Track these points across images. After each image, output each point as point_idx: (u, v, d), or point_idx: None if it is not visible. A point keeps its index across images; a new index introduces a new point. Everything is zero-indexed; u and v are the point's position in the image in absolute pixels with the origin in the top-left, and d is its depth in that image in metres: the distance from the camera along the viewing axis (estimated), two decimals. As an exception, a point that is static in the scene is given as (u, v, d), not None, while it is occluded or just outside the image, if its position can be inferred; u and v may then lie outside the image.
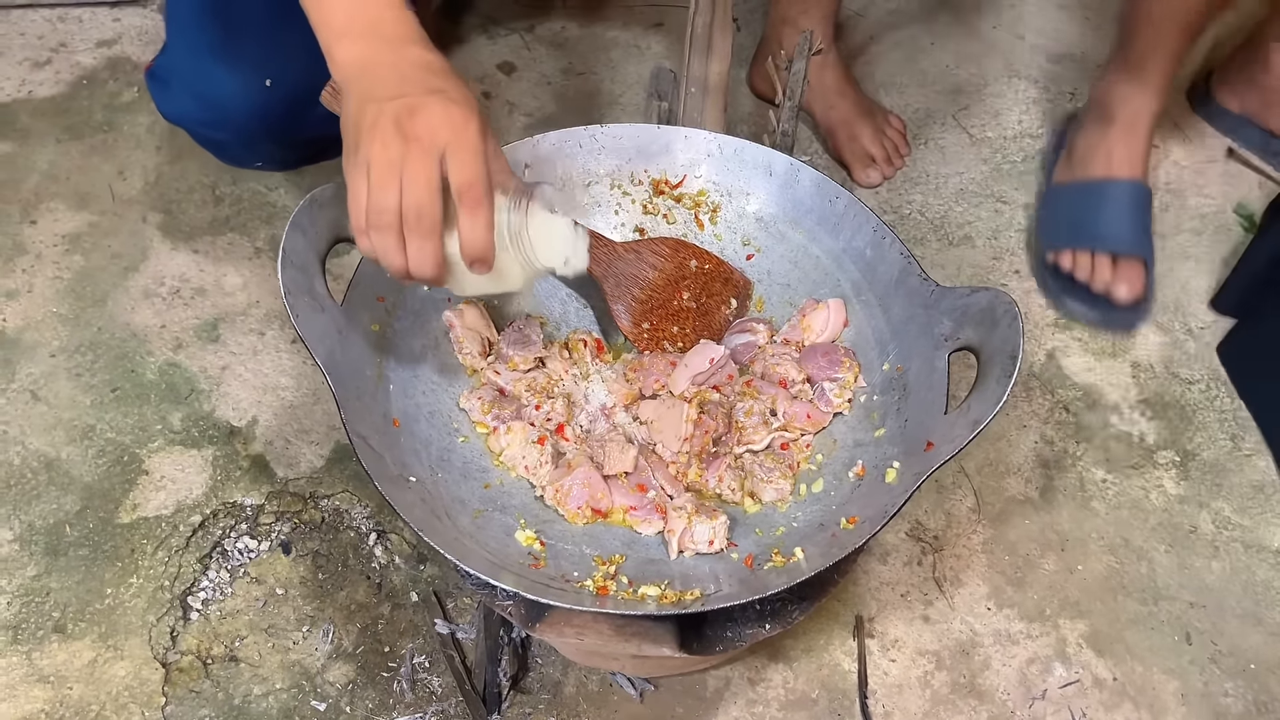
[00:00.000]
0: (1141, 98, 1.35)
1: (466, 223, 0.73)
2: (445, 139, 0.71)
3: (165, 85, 1.17)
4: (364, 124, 0.73)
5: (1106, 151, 1.37)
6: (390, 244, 0.73)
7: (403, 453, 0.86)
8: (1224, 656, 1.14)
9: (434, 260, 0.74)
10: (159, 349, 1.32)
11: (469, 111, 0.73)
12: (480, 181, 0.72)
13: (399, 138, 0.71)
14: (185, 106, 1.16)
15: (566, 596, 0.78)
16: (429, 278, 0.75)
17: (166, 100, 1.17)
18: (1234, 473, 1.27)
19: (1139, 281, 1.35)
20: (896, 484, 0.83)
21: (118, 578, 1.15)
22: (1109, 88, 1.38)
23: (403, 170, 0.71)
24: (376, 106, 0.72)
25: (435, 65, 0.76)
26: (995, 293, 0.84)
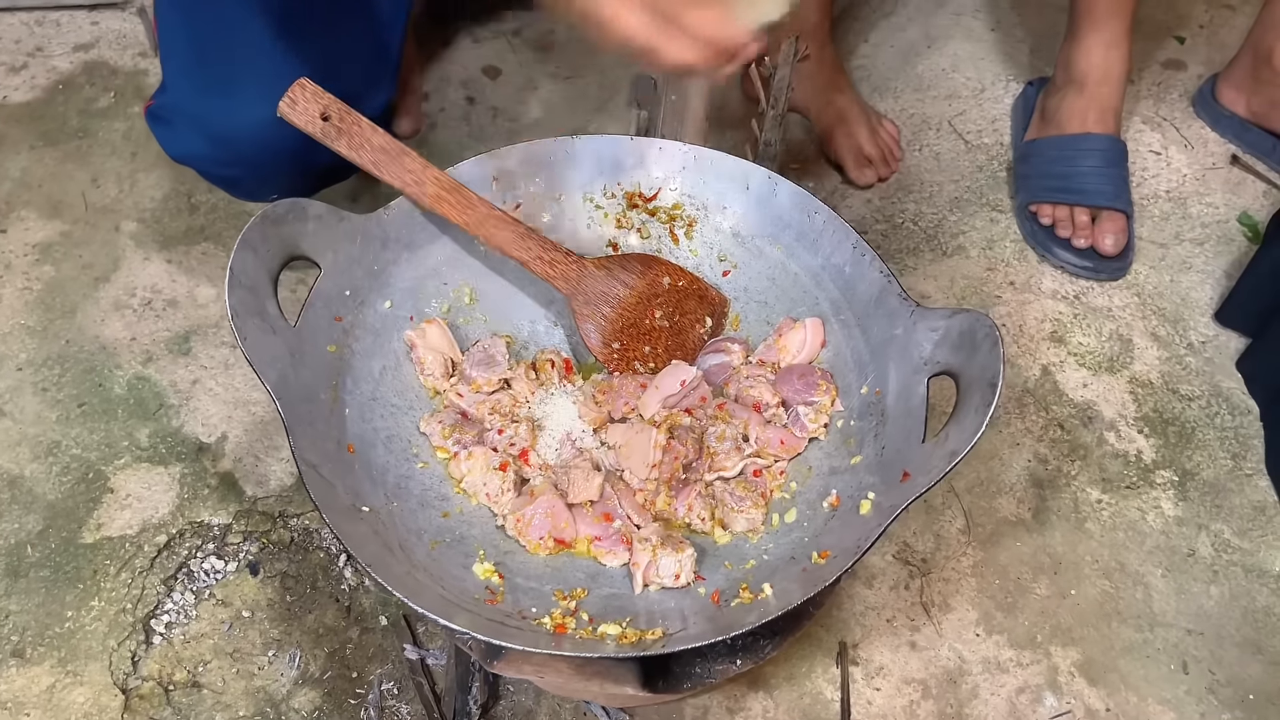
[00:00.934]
0: (1110, 56, 1.39)
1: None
2: None
3: (169, 125, 1.12)
4: None
5: (1081, 109, 1.41)
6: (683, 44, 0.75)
7: (357, 480, 0.83)
8: (1222, 686, 1.10)
9: None
10: (128, 362, 1.29)
11: None
12: None
13: None
14: (194, 146, 1.11)
15: (522, 636, 0.74)
16: None
17: (172, 140, 1.12)
18: (1234, 493, 1.23)
19: (1122, 235, 1.38)
20: (871, 516, 0.79)
21: (79, 600, 1.12)
22: (1075, 51, 1.41)
23: None
24: None
25: None
26: (976, 315, 0.80)
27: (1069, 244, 1.39)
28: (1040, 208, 1.41)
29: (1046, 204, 1.40)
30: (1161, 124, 1.58)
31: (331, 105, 0.88)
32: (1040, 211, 1.41)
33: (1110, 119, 1.41)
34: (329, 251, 0.88)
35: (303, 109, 0.88)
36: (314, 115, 0.88)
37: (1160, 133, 1.56)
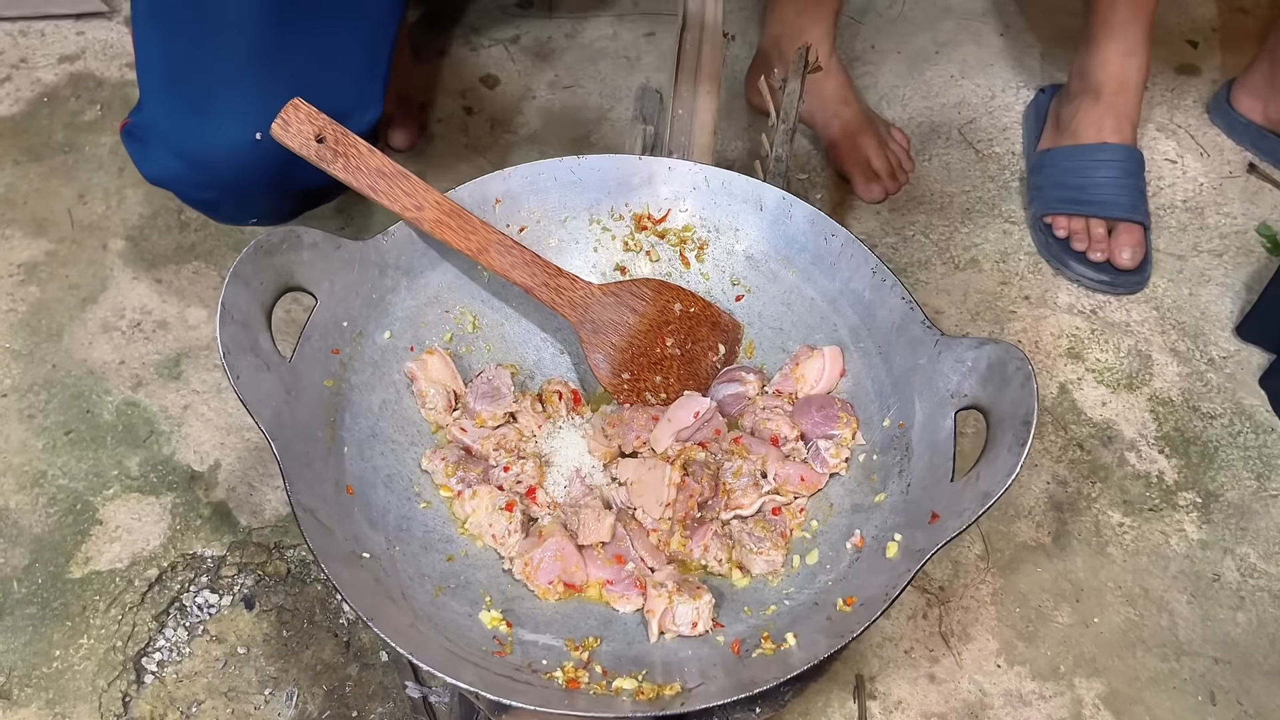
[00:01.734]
0: (1128, 64, 1.35)
1: None
2: None
3: (145, 145, 1.07)
4: None
5: (1097, 118, 1.37)
6: None
7: (356, 524, 0.79)
8: (1250, 718, 1.06)
9: None
10: (117, 387, 1.24)
11: None
12: None
13: None
14: (170, 168, 1.06)
15: (532, 693, 0.70)
16: None
17: (148, 162, 1.07)
18: (1260, 515, 1.19)
19: (1140, 248, 1.34)
20: (899, 560, 0.75)
21: (67, 638, 1.08)
22: (1091, 59, 1.37)
23: None
24: None
25: None
26: (1006, 347, 0.76)
27: (1084, 257, 1.35)
28: (1055, 220, 1.37)
29: (1062, 216, 1.37)
30: (1176, 131, 1.54)
31: (327, 127, 0.84)
32: (1055, 224, 1.37)
33: (1127, 128, 1.38)
34: (325, 281, 0.84)
35: (296, 130, 0.83)
36: (308, 137, 0.84)
37: (1175, 140, 1.53)
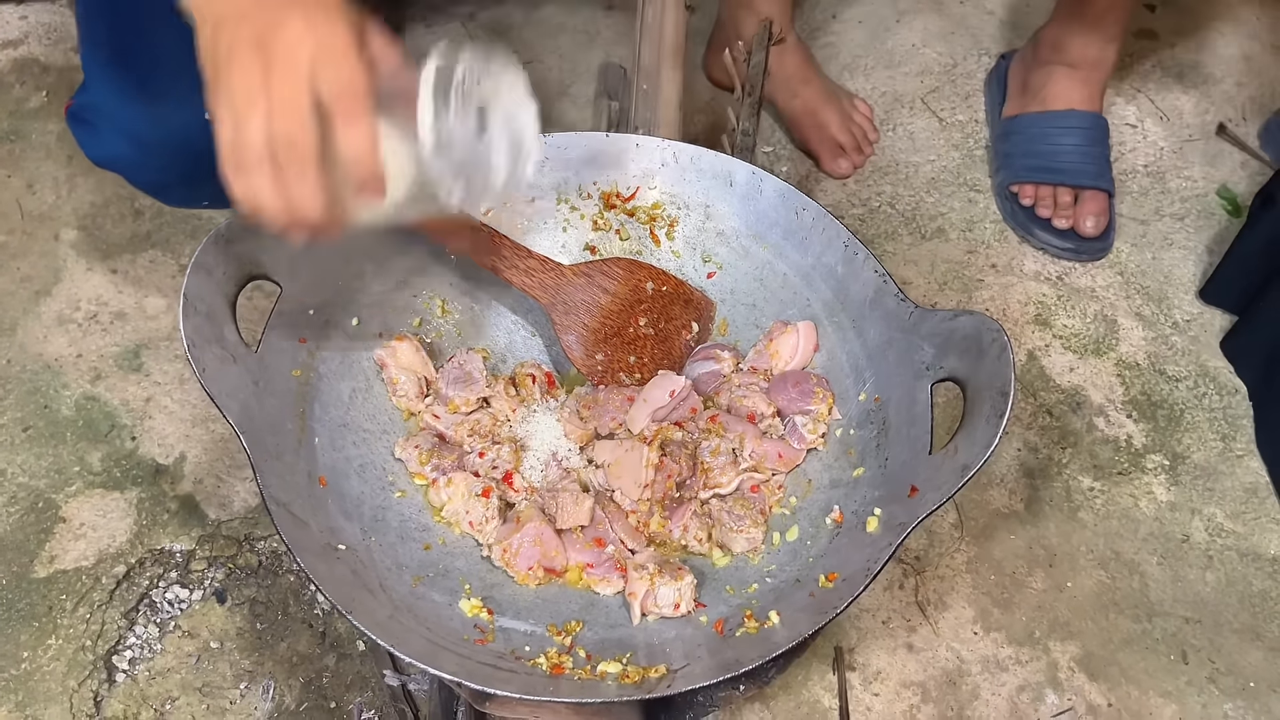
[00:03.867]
0: (1107, 50, 1.36)
1: (343, 136, 0.62)
2: (309, 53, 0.62)
3: (91, 128, 1.03)
4: (219, 53, 0.63)
5: (1067, 89, 1.38)
6: (263, 184, 0.63)
7: (330, 516, 0.77)
8: (1222, 675, 1.08)
9: (313, 194, 0.63)
10: (75, 381, 1.21)
11: (334, 17, 0.63)
12: (353, 87, 0.62)
13: (258, 62, 0.62)
14: (117, 149, 1.03)
15: (516, 680, 0.70)
16: (315, 216, 0.64)
17: (94, 144, 1.04)
18: (1226, 475, 1.21)
19: (1104, 215, 1.36)
20: (879, 534, 0.75)
21: (34, 639, 1.05)
22: (1066, 34, 1.37)
23: (268, 97, 0.62)
24: (230, 30, 0.63)
25: None
26: (981, 319, 0.76)
27: (1050, 224, 1.35)
28: (1022, 188, 1.37)
29: (1029, 184, 1.37)
30: (1136, 96, 1.55)
31: None
32: (1022, 192, 1.37)
33: (1097, 98, 1.38)
34: (289, 269, 0.83)
35: None
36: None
37: (1135, 105, 1.53)
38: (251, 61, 0.62)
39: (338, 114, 0.62)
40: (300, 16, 0.62)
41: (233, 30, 0.63)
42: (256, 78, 0.62)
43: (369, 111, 0.62)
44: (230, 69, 0.62)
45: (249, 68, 0.62)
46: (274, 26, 0.62)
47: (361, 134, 0.62)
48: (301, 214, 0.64)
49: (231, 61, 0.62)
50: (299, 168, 0.62)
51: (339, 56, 0.62)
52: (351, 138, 0.62)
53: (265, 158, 0.62)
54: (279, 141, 0.62)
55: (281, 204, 0.64)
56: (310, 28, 0.62)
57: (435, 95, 0.63)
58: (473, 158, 0.65)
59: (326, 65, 0.62)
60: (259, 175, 0.63)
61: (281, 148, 0.62)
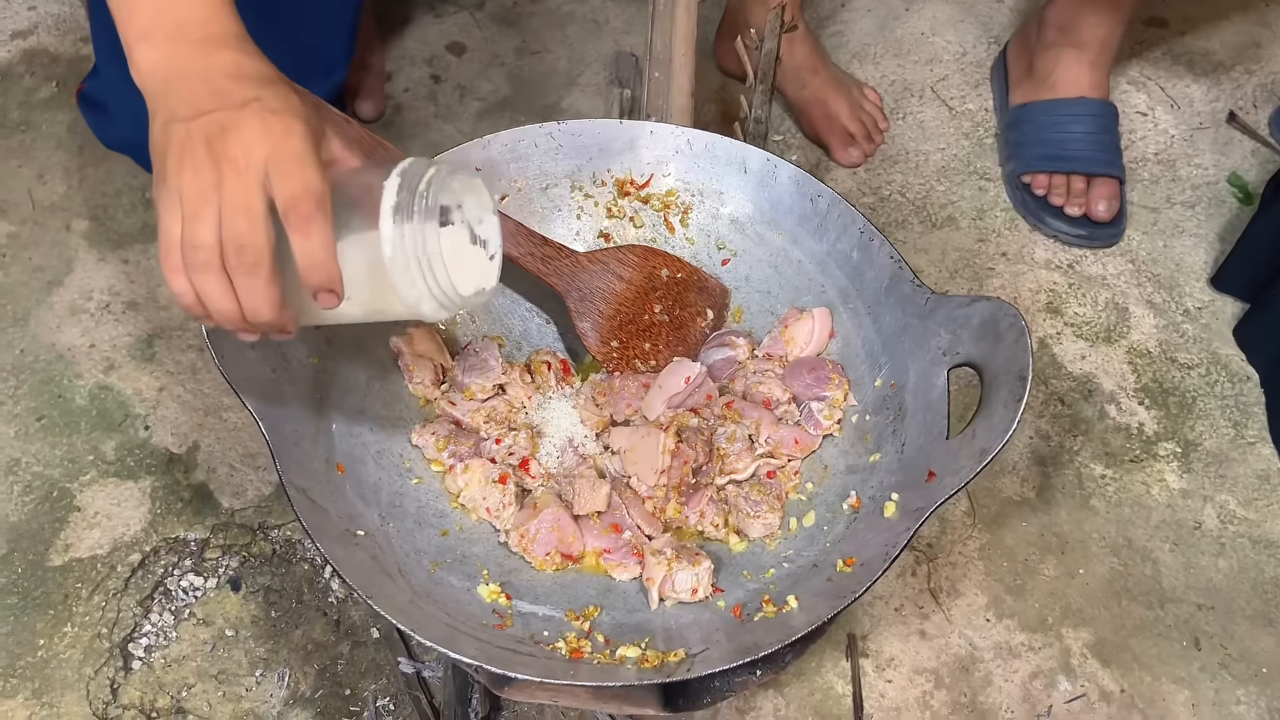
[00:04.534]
0: (1116, 31, 1.35)
1: (299, 244, 0.61)
2: (264, 155, 0.60)
3: (102, 110, 1.04)
4: (170, 149, 0.61)
5: (1076, 74, 1.37)
6: (213, 286, 0.61)
7: (349, 502, 0.78)
8: (1235, 662, 1.08)
9: (266, 298, 0.62)
10: (88, 371, 1.22)
11: (291, 118, 0.62)
12: (308, 193, 0.61)
13: (210, 162, 0.60)
14: (127, 132, 1.03)
15: (535, 665, 0.70)
16: (269, 321, 0.63)
17: (105, 126, 1.04)
18: (1238, 463, 1.21)
19: (1116, 200, 1.35)
20: (897, 519, 0.75)
21: (50, 627, 1.06)
22: (1075, 14, 1.36)
23: (220, 199, 0.60)
24: (184, 127, 0.61)
25: (251, 71, 0.65)
26: (998, 304, 0.76)
27: (1062, 212, 1.35)
28: (1034, 178, 1.37)
29: (1041, 173, 1.36)
30: (1146, 84, 1.54)
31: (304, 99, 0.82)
32: (1034, 182, 1.37)
33: (1105, 84, 1.38)
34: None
35: None
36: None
37: (1146, 93, 1.53)
38: (204, 161, 0.60)
39: (292, 221, 0.60)
40: (255, 118, 0.61)
41: (185, 127, 0.61)
42: (208, 178, 0.60)
43: (325, 219, 0.61)
44: (181, 167, 0.60)
45: (201, 167, 0.60)
46: (228, 127, 0.61)
47: (317, 241, 0.61)
48: (254, 317, 0.63)
49: (183, 159, 0.61)
50: (251, 272, 0.61)
51: (294, 161, 0.61)
52: (307, 245, 0.61)
53: (216, 259, 0.61)
54: (230, 245, 0.60)
55: (232, 306, 0.62)
56: (265, 131, 0.61)
57: (399, 204, 0.62)
58: (435, 266, 0.63)
59: (280, 170, 0.60)
60: (210, 277, 0.61)
61: (232, 251, 0.60)
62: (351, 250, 0.63)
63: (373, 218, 0.62)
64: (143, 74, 0.65)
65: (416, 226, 0.62)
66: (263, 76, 0.65)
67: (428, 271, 0.63)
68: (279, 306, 0.63)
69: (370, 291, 0.64)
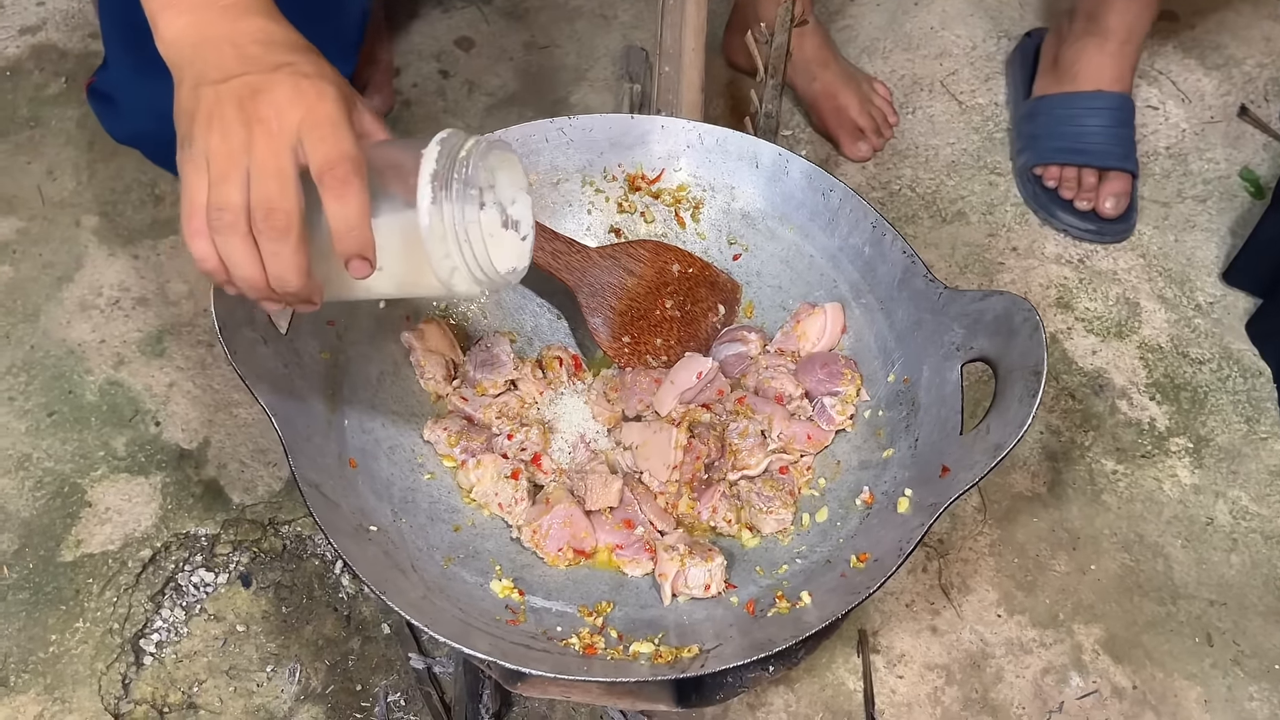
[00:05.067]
0: (1143, 16, 1.33)
1: (334, 208, 0.59)
2: (297, 118, 0.59)
3: (113, 104, 1.03)
4: (199, 112, 0.60)
5: (1099, 65, 1.35)
6: (238, 249, 0.60)
7: (361, 498, 0.78)
8: (1247, 658, 1.08)
9: (294, 264, 0.60)
10: (99, 367, 1.22)
11: (324, 83, 0.61)
12: (345, 156, 0.59)
13: (241, 123, 0.59)
14: (139, 127, 1.02)
15: (549, 660, 0.70)
16: (295, 290, 0.61)
17: (116, 121, 1.03)
18: (1250, 458, 1.20)
19: (1126, 196, 1.34)
20: (910, 515, 0.75)
21: (62, 622, 1.06)
22: (1105, 3, 1.34)
23: (249, 160, 0.59)
24: (213, 90, 0.60)
25: (280, 38, 0.64)
26: (1012, 298, 0.76)
27: (1072, 206, 1.35)
28: (1046, 170, 1.36)
29: (1053, 165, 1.36)
30: (1158, 78, 1.54)
31: None
32: (1046, 174, 1.36)
33: (1128, 78, 1.36)
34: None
35: None
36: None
37: (1157, 87, 1.53)
38: (234, 123, 0.59)
39: (327, 185, 0.59)
40: (288, 81, 0.60)
41: (214, 90, 0.60)
42: (238, 140, 0.59)
43: (362, 183, 0.60)
44: (209, 129, 0.59)
45: (231, 129, 0.59)
46: (260, 89, 0.60)
47: (354, 205, 0.59)
48: (279, 283, 0.61)
49: (211, 121, 0.60)
50: (280, 236, 0.59)
51: (329, 125, 0.60)
52: (342, 209, 0.59)
53: (243, 221, 0.59)
54: (259, 207, 0.59)
55: (257, 272, 0.61)
56: (298, 94, 0.60)
57: (437, 172, 0.61)
58: (472, 237, 0.62)
59: (315, 133, 0.59)
60: (235, 240, 0.60)
61: (261, 214, 0.59)
62: (384, 220, 0.62)
63: (405, 189, 0.61)
64: (167, 42, 0.65)
65: (455, 195, 0.61)
66: (293, 43, 0.64)
67: (464, 242, 0.61)
68: (306, 273, 0.61)
69: (403, 263, 0.63)
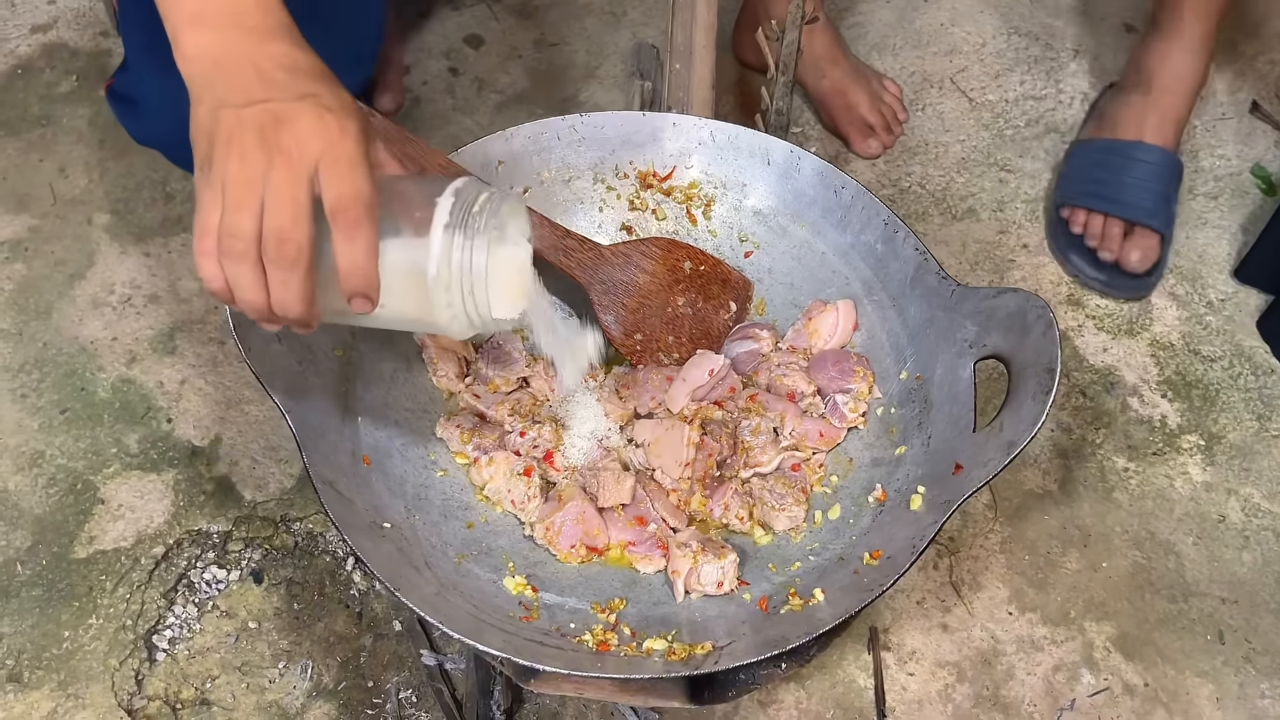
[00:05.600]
0: (1185, 63, 1.29)
1: (343, 247, 0.60)
2: (317, 151, 0.60)
3: (133, 106, 1.03)
4: (219, 134, 0.61)
5: (1139, 115, 1.31)
6: (246, 276, 0.61)
7: (375, 495, 0.78)
8: (1259, 655, 1.08)
9: (299, 295, 0.61)
10: (111, 364, 1.22)
11: (346, 118, 0.61)
12: (359, 197, 0.60)
13: (261, 151, 0.59)
14: (159, 127, 1.02)
15: (562, 657, 0.70)
16: (297, 317, 0.63)
17: (136, 123, 1.03)
18: (1262, 455, 1.20)
19: (1152, 254, 1.28)
20: (923, 512, 0.75)
21: (75, 619, 1.06)
22: (1148, 52, 1.31)
23: (265, 189, 0.59)
24: (234, 114, 0.61)
25: (305, 65, 0.64)
26: (1025, 295, 0.76)
27: (1092, 254, 1.29)
28: (1073, 213, 1.31)
29: (1080, 209, 1.30)
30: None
31: None
32: (1072, 218, 1.31)
33: (1170, 131, 1.31)
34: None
35: None
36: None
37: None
38: (254, 149, 0.59)
39: (339, 224, 0.60)
40: (312, 113, 0.60)
41: (236, 114, 0.61)
42: (256, 167, 0.59)
43: (373, 226, 0.60)
44: (229, 153, 0.60)
45: (250, 156, 0.59)
46: (282, 119, 0.60)
47: (362, 247, 0.60)
48: (282, 309, 0.62)
49: (230, 145, 0.60)
50: (290, 266, 0.60)
51: (347, 163, 0.60)
52: (351, 250, 0.60)
53: (251, 251, 0.60)
54: (271, 236, 0.59)
55: (260, 299, 0.62)
56: (321, 127, 0.60)
57: (450, 223, 0.62)
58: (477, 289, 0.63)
59: (333, 170, 0.60)
60: (242, 266, 0.60)
61: (273, 243, 0.59)
62: (390, 260, 0.63)
63: (414, 232, 0.62)
64: (188, 58, 0.65)
65: (465, 249, 0.62)
66: (317, 72, 0.64)
67: (468, 295, 0.63)
68: (311, 302, 0.62)
69: (403, 302, 0.64)
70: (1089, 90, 1.50)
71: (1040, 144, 1.45)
